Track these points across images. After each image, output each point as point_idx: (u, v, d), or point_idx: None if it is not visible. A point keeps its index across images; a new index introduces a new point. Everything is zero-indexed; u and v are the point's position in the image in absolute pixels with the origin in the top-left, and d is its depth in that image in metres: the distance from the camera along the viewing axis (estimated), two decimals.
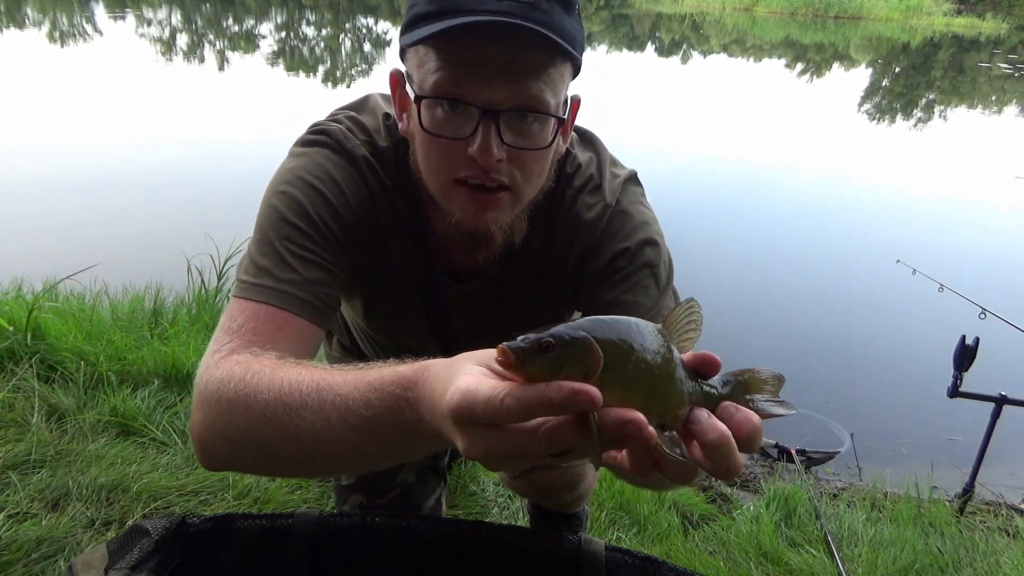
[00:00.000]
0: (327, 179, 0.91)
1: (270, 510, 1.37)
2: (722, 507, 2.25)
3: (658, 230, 1.01)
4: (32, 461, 1.75)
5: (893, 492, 2.47)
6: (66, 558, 1.47)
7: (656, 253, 0.98)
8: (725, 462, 0.54)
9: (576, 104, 0.95)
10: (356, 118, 0.99)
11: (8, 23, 13.47)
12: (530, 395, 0.47)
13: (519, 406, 0.48)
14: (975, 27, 24.76)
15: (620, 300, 0.95)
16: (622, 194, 1.01)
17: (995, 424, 2.20)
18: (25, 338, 2.18)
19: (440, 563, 0.92)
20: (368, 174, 0.95)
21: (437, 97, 0.81)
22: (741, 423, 0.55)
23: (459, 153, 0.82)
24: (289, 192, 0.90)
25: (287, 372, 0.72)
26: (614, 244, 0.97)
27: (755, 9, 26.11)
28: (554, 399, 0.47)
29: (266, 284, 0.86)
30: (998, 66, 16.58)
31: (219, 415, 0.75)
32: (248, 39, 13.90)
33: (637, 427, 0.48)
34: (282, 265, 0.87)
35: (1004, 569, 1.92)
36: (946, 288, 2.63)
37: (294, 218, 0.89)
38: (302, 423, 0.69)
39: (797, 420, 3.07)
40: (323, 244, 0.90)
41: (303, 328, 0.86)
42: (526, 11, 0.77)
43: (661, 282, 0.98)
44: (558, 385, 0.47)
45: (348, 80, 10.78)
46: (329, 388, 0.68)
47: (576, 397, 0.46)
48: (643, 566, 0.90)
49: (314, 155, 0.94)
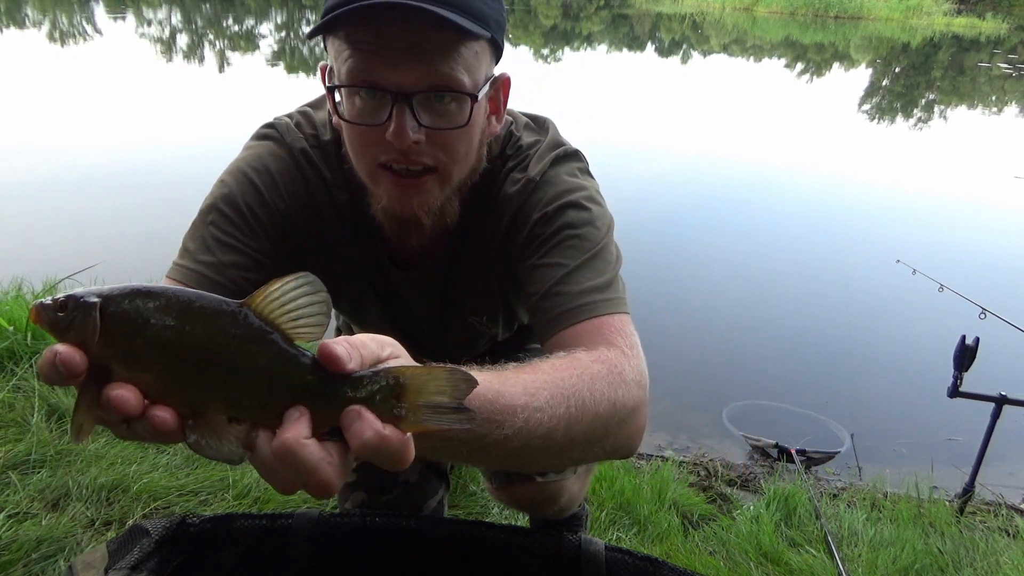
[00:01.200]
0: (262, 169, 0.96)
1: (270, 510, 1.37)
2: (722, 507, 2.25)
3: (588, 195, 0.98)
4: (32, 461, 1.75)
5: (893, 492, 2.47)
6: (66, 558, 1.47)
7: (579, 215, 0.95)
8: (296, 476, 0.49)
9: (505, 82, 0.94)
10: (308, 112, 1.03)
11: (8, 23, 13.47)
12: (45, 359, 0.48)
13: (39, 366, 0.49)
14: (975, 27, 24.75)
15: (538, 263, 0.93)
16: (549, 167, 0.99)
17: (995, 424, 2.20)
18: (25, 338, 2.19)
19: (440, 563, 0.92)
20: (306, 166, 0.98)
21: (349, 85, 0.82)
22: (354, 434, 0.49)
23: (379, 138, 0.83)
24: (226, 180, 0.96)
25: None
26: (534, 212, 0.96)
27: (755, 9, 26.10)
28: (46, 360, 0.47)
29: (184, 264, 0.92)
30: (998, 66, 16.58)
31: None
32: (248, 39, 13.89)
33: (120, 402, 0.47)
34: (202, 247, 0.92)
35: (1004, 569, 1.92)
36: (946, 288, 2.63)
37: (222, 205, 0.93)
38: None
39: (797, 420, 3.07)
40: (246, 230, 0.93)
41: None
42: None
43: (587, 242, 0.93)
44: (50, 348, 0.47)
45: None
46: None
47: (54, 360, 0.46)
48: (643, 566, 0.90)
49: (258, 148, 0.99)
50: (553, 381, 0.72)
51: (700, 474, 2.54)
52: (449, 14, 0.76)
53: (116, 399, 0.47)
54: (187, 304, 0.49)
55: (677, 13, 26.08)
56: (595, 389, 0.74)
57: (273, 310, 0.51)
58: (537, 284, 0.92)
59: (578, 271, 0.91)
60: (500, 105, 0.95)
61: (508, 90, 0.95)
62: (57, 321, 0.48)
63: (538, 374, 0.73)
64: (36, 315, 0.49)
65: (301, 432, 0.48)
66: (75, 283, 2.77)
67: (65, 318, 0.48)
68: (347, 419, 0.50)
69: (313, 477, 0.49)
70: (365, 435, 0.49)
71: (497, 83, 0.92)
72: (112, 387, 0.47)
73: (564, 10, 24.55)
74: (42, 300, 0.49)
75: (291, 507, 1.75)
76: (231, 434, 0.50)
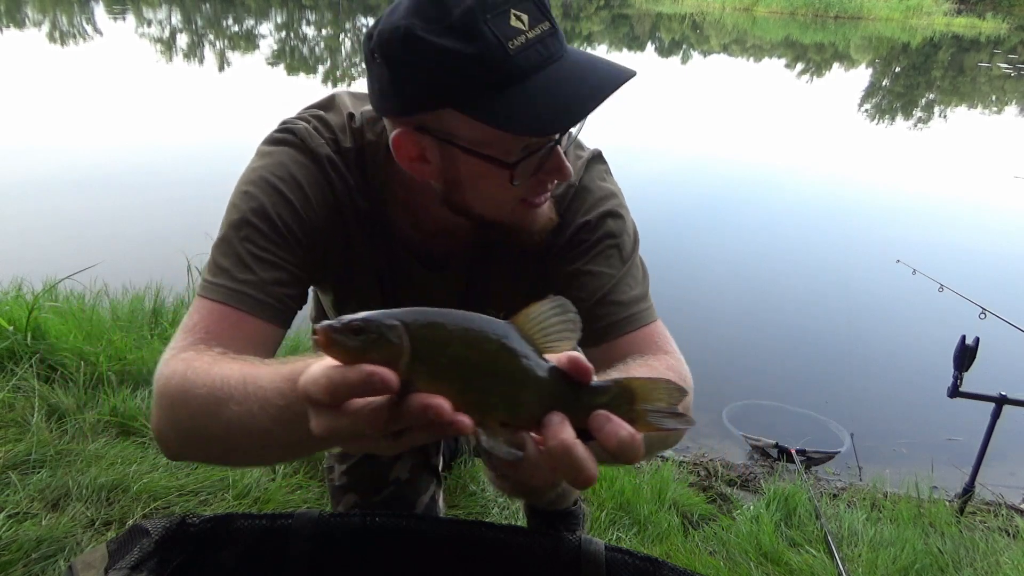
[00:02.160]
0: (289, 179, 0.93)
1: (270, 510, 1.37)
2: (722, 507, 2.25)
3: (620, 203, 1.05)
4: (32, 461, 1.75)
5: (893, 492, 2.47)
6: (66, 558, 1.47)
7: (617, 224, 1.02)
8: (568, 472, 0.55)
9: None
10: (322, 117, 1.00)
11: (8, 23, 13.48)
12: (336, 376, 0.50)
13: (329, 385, 0.51)
14: (975, 27, 24.75)
15: (584, 270, 0.99)
16: (584, 172, 1.04)
17: (995, 424, 2.20)
18: (25, 338, 2.19)
19: (440, 563, 0.92)
20: (331, 173, 0.96)
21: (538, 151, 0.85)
22: (608, 435, 0.55)
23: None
24: (251, 192, 0.92)
25: (221, 367, 0.75)
26: (576, 218, 1.01)
27: (755, 9, 26.10)
28: (353, 380, 0.49)
29: (223, 283, 0.88)
30: (998, 66, 16.58)
31: (166, 409, 0.78)
32: (248, 39, 13.90)
33: (437, 412, 0.50)
34: (240, 265, 0.89)
35: (1004, 569, 1.92)
36: (946, 288, 2.63)
37: (254, 219, 0.90)
38: (230, 414, 0.71)
39: (797, 420, 3.07)
40: (282, 245, 0.91)
41: (257, 327, 0.88)
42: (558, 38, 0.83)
43: (625, 252, 1.01)
44: (358, 368, 0.49)
45: (348, 80, 10.78)
46: (253, 380, 0.70)
47: (371, 379, 0.49)
48: (643, 566, 0.90)
49: (279, 154, 0.95)
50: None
51: (700, 474, 2.54)
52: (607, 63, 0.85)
53: (434, 407, 0.50)
54: (471, 324, 0.55)
55: (677, 13, 26.08)
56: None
57: (532, 328, 0.57)
58: (586, 291, 0.98)
59: (623, 281, 0.99)
60: None
61: None
62: (358, 343, 0.50)
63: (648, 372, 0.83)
64: (329, 338, 0.50)
65: (571, 434, 0.55)
66: (75, 283, 2.77)
67: (367, 340, 0.50)
68: (597, 422, 0.56)
69: (584, 472, 0.54)
70: (621, 434, 0.55)
71: None
72: (424, 397, 0.50)
73: (564, 10, 24.55)
74: (329, 324, 0.50)
75: (291, 507, 1.75)
76: (504, 436, 0.55)
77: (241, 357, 0.78)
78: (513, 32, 0.79)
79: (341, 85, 10.31)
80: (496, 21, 0.78)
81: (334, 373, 0.51)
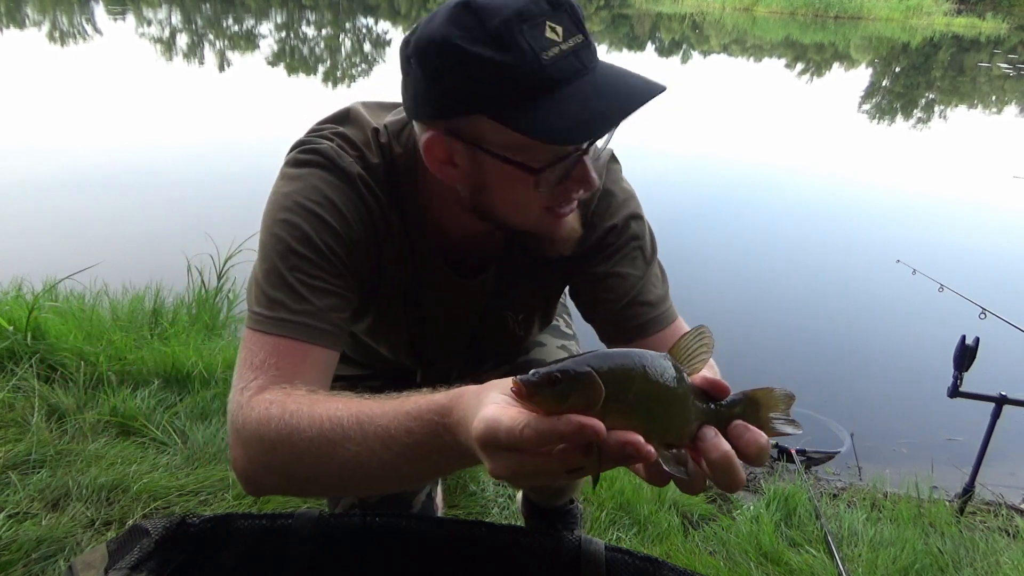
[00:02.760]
0: (326, 203, 0.93)
1: (270, 510, 1.37)
2: (722, 507, 2.25)
3: (638, 205, 1.10)
4: (32, 461, 1.75)
5: (893, 492, 2.47)
6: (66, 558, 1.47)
7: (640, 226, 1.07)
8: (727, 479, 0.62)
9: None
10: (343, 133, 0.99)
11: (8, 23, 13.48)
12: (544, 427, 0.55)
13: (536, 436, 0.55)
14: (975, 27, 24.74)
15: (612, 272, 1.04)
16: (606, 175, 1.08)
17: (995, 424, 2.20)
18: (25, 338, 2.19)
19: (440, 563, 0.92)
20: (364, 191, 0.97)
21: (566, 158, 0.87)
22: (748, 443, 0.63)
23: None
24: (291, 220, 0.92)
25: (324, 407, 0.79)
26: (603, 222, 1.05)
27: (755, 9, 26.10)
28: (564, 431, 0.54)
29: (282, 316, 0.89)
30: (998, 66, 16.58)
31: (263, 454, 0.81)
32: (248, 39, 13.90)
33: (635, 447, 0.56)
34: (294, 296, 0.89)
35: (1004, 569, 1.92)
36: (946, 288, 2.63)
37: (300, 247, 0.91)
38: (347, 454, 0.75)
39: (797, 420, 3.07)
40: (330, 270, 0.92)
41: (321, 356, 0.90)
42: (591, 50, 0.85)
43: (647, 253, 1.07)
44: (567, 419, 0.54)
45: (348, 80, 10.78)
46: (370, 420, 0.75)
47: (582, 430, 0.54)
48: (643, 566, 0.90)
49: (309, 177, 0.95)
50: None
51: None
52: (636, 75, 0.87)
53: (632, 442, 0.56)
54: (644, 360, 0.61)
55: (677, 13, 26.08)
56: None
57: (683, 355, 0.65)
58: (615, 293, 1.04)
59: (648, 281, 1.05)
60: None
61: None
62: (559, 393, 0.56)
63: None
64: (530, 392, 0.56)
65: (727, 445, 0.62)
66: (75, 283, 2.77)
67: (564, 389, 0.56)
68: (736, 431, 0.63)
69: (739, 476, 0.62)
70: (760, 441, 0.63)
71: None
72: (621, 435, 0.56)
73: None
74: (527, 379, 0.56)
75: (291, 507, 1.75)
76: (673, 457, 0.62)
77: (335, 394, 0.82)
78: (548, 43, 0.80)
79: (341, 85, 10.32)
80: (531, 32, 0.80)
81: (541, 424, 0.55)
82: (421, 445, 0.71)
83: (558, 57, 0.81)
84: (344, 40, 15.58)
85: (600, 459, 0.58)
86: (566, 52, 0.82)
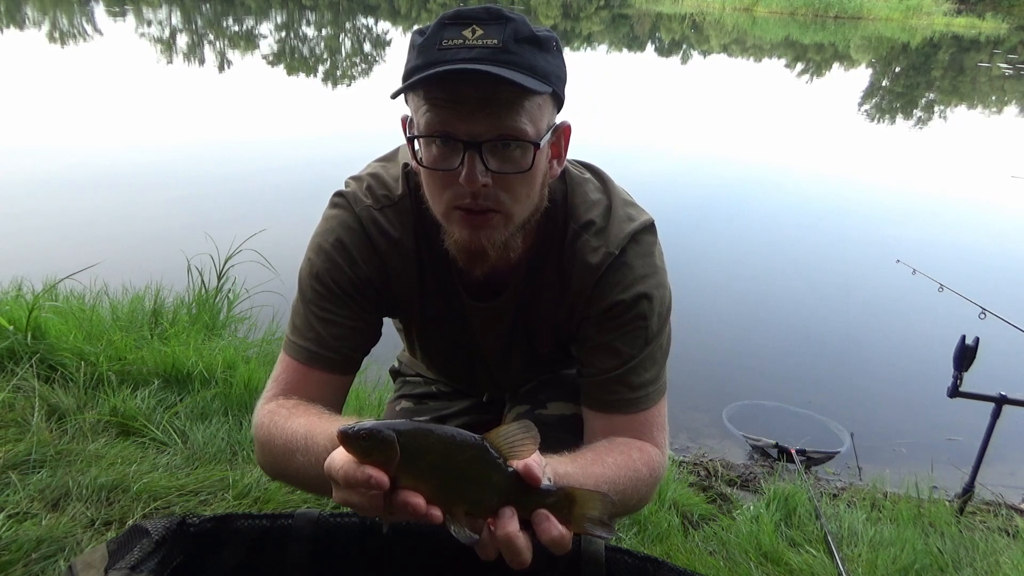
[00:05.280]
0: (337, 243, 1.08)
1: (270, 510, 1.37)
2: (722, 507, 2.24)
3: (659, 281, 1.09)
4: (32, 461, 1.75)
5: (893, 492, 2.47)
6: (66, 558, 1.47)
7: (650, 307, 1.07)
8: (509, 556, 0.73)
9: (566, 130, 1.02)
10: (378, 174, 1.11)
11: (8, 23, 13.48)
12: (349, 472, 0.70)
13: (344, 478, 0.70)
14: (975, 27, 24.74)
15: (609, 344, 1.08)
16: (628, 244, 1.07)
17: (995, 424, 2.20)
18: (25, 338, 2.19)
19: (440, 563, 0.92)
20: (373, 231, 1.08)
21: (427, 136, 0.93)
22: (542, 531, 0.72)
23: (452, 182, 0.93)
24: (312, 259, 1.09)
25: (293, 421, 0.96)
26: (612, 294, 1.06)
27: (755, 9, 26.10)
28: (359, 478, 0.69)
29: (296, 342, 1.08)
30: (998, 66, 16.58)
31: (259, 451, 1.03)
32: (248, 39, 13.90)
33: (414, 507, 0.69)
34: (307, 325, 1.08)
35: (1004, 569, 1.92)
36: (946, 288, 2.63)
37: (314, 283, 1.08)
38: (298, 464, 0.92)
39: (797, 420, 3.07)
40: (336, 302, 1.08)
41: (323, 378, 1.08)
42: (495, 54, 0.88)
43: (650, 334, 1.08)
44: (362, 470, 0.69)
45: (348, 80, 10.79)
46: (312, 437, 0.91)
47: (369, 481, 0.68)
48: (643, 566, 0.90)
49: (331, 220, 1.10)
50: (614, 478, 0.95)
51: (700, 474, 2.54)
52: (514, 75, 0.87)
53: (412, 503, 0.69)
54: (451, 439, 0.70)
55: (677, 13, 26.08)
56: (638, 489, 1.00)
57: (501, 442, 0.72)
58: (606, 364, 1.07)
59: (642, 364, 1.07)
60: (561, 150, 1.04)
61: (569, 136, 1.04)
62: (364, 448, 0.69)
63: (606, 470, 0.95)
64: (344, 440, 0.69)
65: (516, 527, 0.72)
66: (75, 283, 2.77)
67: (370, 446, 0.68)
68: (538, 519, 0.73)
69: (519, 556, 0.72)
70: (553, 533, 0.72)
71: (558, 130, 1.01)
72: (406, 494, 0.69)
73: (564, 10, 24.55)
74: (346, 430, 0.69)
75: (291, 507, 1.75)
76: (465, 523, 0.71)
77: (312, 409, 1.00)
78: (457, 36, 0.89)
79: (341, 85, 10.32)
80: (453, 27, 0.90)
81: (348, 468, 0.70)
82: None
83: (454, 47, 0.89)
84: (344, 40, 15.58)
85: (389, 509, 0.70)
86: (465, 46, 0.89)
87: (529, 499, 0.72)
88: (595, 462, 0.95)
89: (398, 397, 1.49)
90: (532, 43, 0.91)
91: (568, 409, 1.25)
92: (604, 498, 0.75)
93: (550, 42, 0.95)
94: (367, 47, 14.77)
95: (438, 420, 1.42)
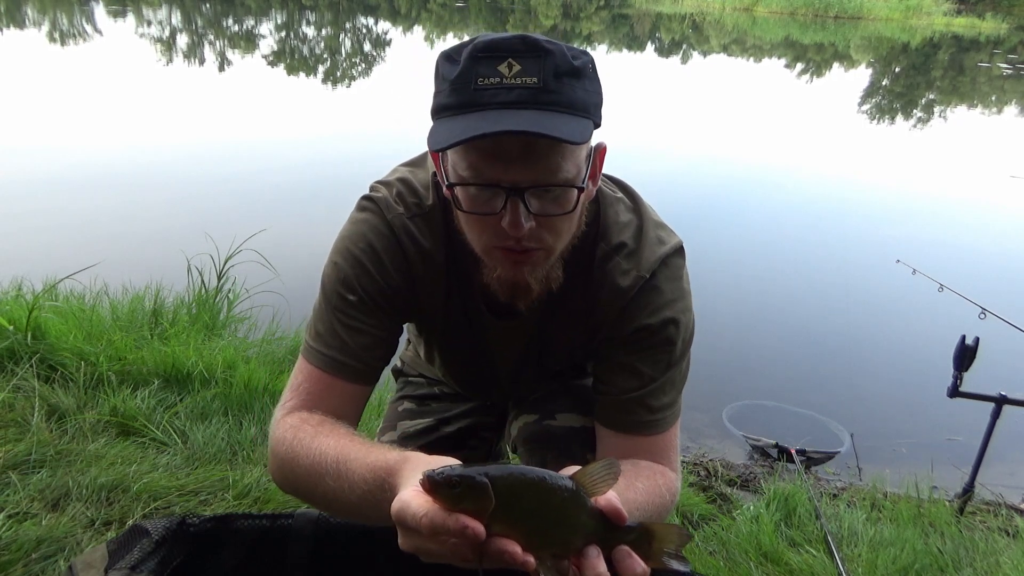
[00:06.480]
0: (368, 249, 1.04)
1: (270, 510, 1.37)
2: (722, 507, 2.25)
3: (685, 306, 1.08)
4: (32, 461, 1.75)
5: (893, 492, 2.47)
6: (66, 558, 1.47)
7: (676, 332, 1.06)
8: None
9: (602, 151, 1.00)
10: (408, 180, 1.07)
11: (8, 23, 13.48)
12: (438, 521, 0.64)
13: (431, 527, 0.65)
14: (975, 27, 24.74)
15: (631, 365, 1.06)
16: (659, 269, 1.06)
17: (995, 424, 2.20)
18: (25, 338, 2.19)
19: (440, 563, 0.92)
20: (405, 240, 1.05)
21: (471, 184, 0.89)
22: (624, 568, 0.71)
23: (494, 225, 0.91)
24: (339, 264, 1.04)
25: (320, 442, 0.92)
26: (640, 318, 1.05)
27: (755, 9, 26.10)
28: (451, 528, 0.64)
29: (319, 349, 1.03)
30: (998, 66, 16.58)
31: (277, 467, 0.97)
32: (248, 39, 13.89)
33: (511, 557, 0.65)
34: (331, 332, 1.03)
35: (1004, 569, 1.92)
36: (946, 288, 2.63)
37: (341, 289, 1.03)
38: (326, 487, 0.88)
39: (797, 420, 3.07)
40: (365, 311, 1.04)
41: (347, 389, 1.03)
42: (535, 96, 0.84)
43: (673, 358, 1.07)
44: (456, 518, 0.64)
45: (348, 80, 10.78)
46: (344, 461, 0.87)
47: (465, 531, 0.63)
48: None
49: (361, 223, 1.06)
50: (645, 505, 0.95)
51: (700, 474, 2.54)
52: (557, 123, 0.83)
53: (509, 552, 0.65)
54: (543, 482, 0.69)
55: (677, 13, 26.07)
56: (661, 515, 1.00)
57: (587, 480, 0.71)
58: (628, 384, 1.06)
59: (662, 387, 1.06)
60: (597, 171, 1.01)
61: (604, 157, 1.01)
62: (456, 496, 0.65)
63: (638, 496, 0.95)
64: (430, 489, 0.65)
65: (604, 567, 0.70)
66: (75, 283, 2.77)
67: (462, 493, 0.64)
68: (619, 555, 0.72)
69: None
70: (637, 570, 0.71)
71: (594, 153, 0.98)
72: (502, 543, 0.65)
73: (564, 10, 24.54)
74: (434, 476, 0.65)
75: (291, 507, 1.75)
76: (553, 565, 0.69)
77: (339, 429, 0.95)
78: (493, 74, 0.84)
79: (341, 85, 10.32)
80: (487, 62, 0.84)
81: (436, 517, 0.65)
82: (372, 495, 0.81)
83: (492, 88, 0.84)
84: (344, 40, 15.58)
85: (481, 558, 0.66)
86: (503, 86, 0.84)
87: (612, 536, 0.72)
88: (628, 488, 0.94)
89: (400, 398, 1.49)
90: (571, 75, 0.87)
91: (577, 421, 1.24)
92: (680, 531, 0.75)
93: (587, 68, 0.90)
94: (367, 47, 14.77)
95: (441, 422, 1.41)
